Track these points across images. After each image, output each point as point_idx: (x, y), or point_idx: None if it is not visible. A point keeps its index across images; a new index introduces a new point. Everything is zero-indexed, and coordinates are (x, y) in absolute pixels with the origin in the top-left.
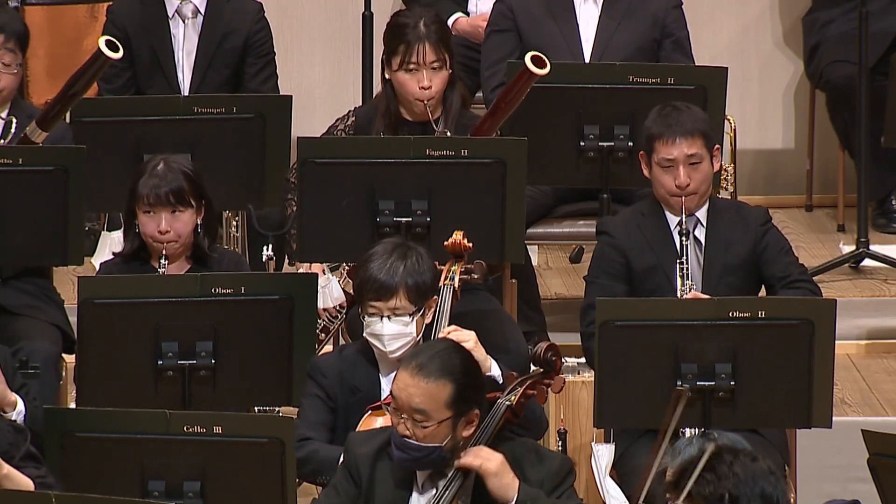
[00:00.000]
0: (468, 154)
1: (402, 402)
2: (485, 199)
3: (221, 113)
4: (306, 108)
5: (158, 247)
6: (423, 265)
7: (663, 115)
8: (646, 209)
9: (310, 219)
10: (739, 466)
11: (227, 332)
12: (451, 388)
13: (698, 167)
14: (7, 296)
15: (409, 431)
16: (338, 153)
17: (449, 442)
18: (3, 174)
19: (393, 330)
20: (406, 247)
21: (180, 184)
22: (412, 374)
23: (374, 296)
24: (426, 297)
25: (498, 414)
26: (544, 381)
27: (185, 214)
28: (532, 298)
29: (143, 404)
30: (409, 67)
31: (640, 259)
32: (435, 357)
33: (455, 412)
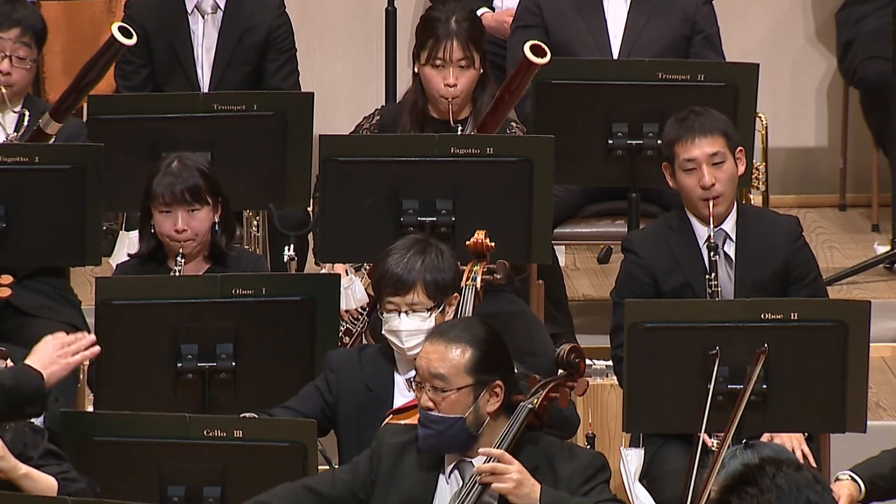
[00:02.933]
0: (494, 152)
1: (423, 369)
2: (511, 199)
3: (242, 110)
4: (328, 106)
5: (175, 246)
6: (442, 261)
7: (681, 119)
8: (673, 222)
9: (332, 218)
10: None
11: (248, 333)
12: (472, 352)
13: (722, 167)
14: (22, 296)
15: (430, 402)
16: (360, 151)
17: (471, 414)
18: (20, 173)
19: (411, 325)
20: (426, 242)
21: (196, 181)
22: (433, 340)
23: (391, 290)
24: (446, 293)
25: (520, 417)
26: (567, 384)
27: (201, 212)
28: (559, 300)
29: (161, 408)
30: (436, 63)
31: (668, 279)
32: (457, 324)
33: (476, 380)
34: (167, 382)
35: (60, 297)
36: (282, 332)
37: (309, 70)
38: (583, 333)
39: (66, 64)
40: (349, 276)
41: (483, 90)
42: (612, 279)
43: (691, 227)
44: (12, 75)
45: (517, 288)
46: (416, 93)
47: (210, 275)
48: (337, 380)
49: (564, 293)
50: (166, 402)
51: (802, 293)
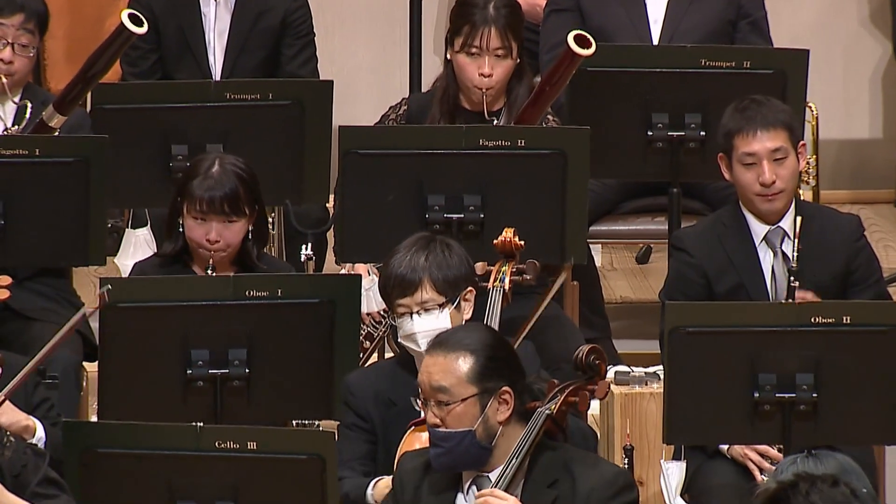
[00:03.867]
0: (526, 144)
1: (425, 384)
2: (544, 194)
3: (256, 99)
4: (349, 95)
5: (204, 254)
6: (449, 255)
7: (741, 108)
8: (727, 219)
9: (353, 215)
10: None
11: (263, 338)
12: (472, 360)
13: (784, 163)
14: (22, 299)
15: (436, 419)
16: (383, 143)
17: (480, 425)
18: (19, 166)
19: (425, 326)
20: (429, 238)
21: (235, 190)
22: (432, 352)
23: (399, 292)
24: (457, 287)
25: (537, 424)
26: (587, 387)
27: (237, 224)
28: (595, 302)
29: (170, 417)
30: (471, 51)
31: (721, 279)
32: (456, 333)
33: (481, 388)
34: (176, 390)
35: (62, 299)
36: (299, 337)
37: (328, 56)
38: (620, 338)
39: (68, 50)
40: (371, 276)
41: (519, 81)
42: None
43: (747, 225)
44: (14, 64)
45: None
46: (447, 81)
47: (222, 275)
48: (361, 402)
49: (601, 295)
50: (175, 411)
51: (864, 295)
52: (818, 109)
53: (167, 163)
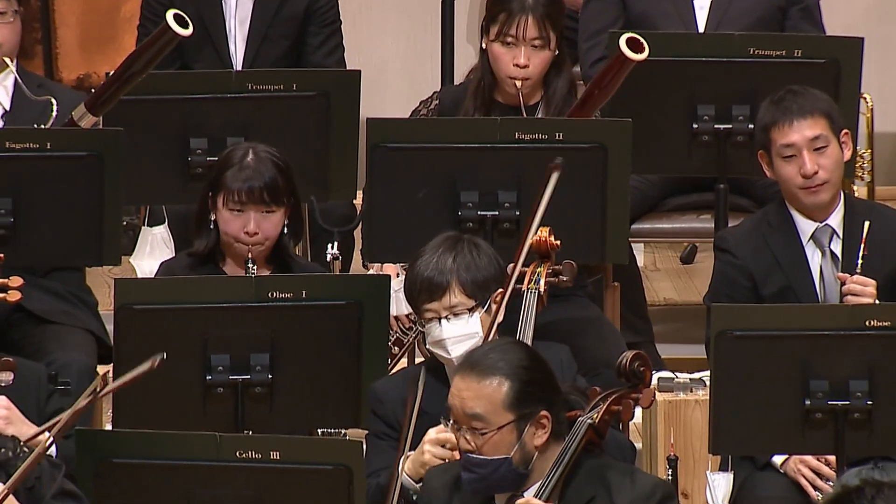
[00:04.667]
0: (564, 138)
1: (458, 409)
2: (583, 191)
3: (279, 90)
4: (377, 86)
5: (241, 249)
6: (478, 255)
7: (776, 100)
8: (772, 218)
9: (381, 212)
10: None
11: (286, 342)
12: (509, 385)
13: (825, 152)
14: (34, 300)
15: (470, 445)
16: (413, 137)
17: (517, 452)
18: (29, 160)
19: (454, 331)
20: (457, 238)
21: (274, 179)
22: (463, 375)
23: (426, 297)
24: (487, 289)
25: (578, 434)
26: (631, 395)
27: (276, 215)
28: (637, 304)
29: (189, 426)
30: (507, 40)
31: (768, 282)
32: (489, 353)
33: (517, 415)
34: (195, 397)
35: (75, 299)
36: (324, 341)
37: (355, 45)
38: (664, 342)
39: (81, 38)
40: (400, 277)
41: (558, 74)
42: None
43: (793, 223)
44: None
45: (590, 291)
46: (482, 71)
47: (244, 276)
48: (389, 410)
49: (643, 297)
50: (195, 419)
51: None
52: (873, 101)
53: (185, 157)
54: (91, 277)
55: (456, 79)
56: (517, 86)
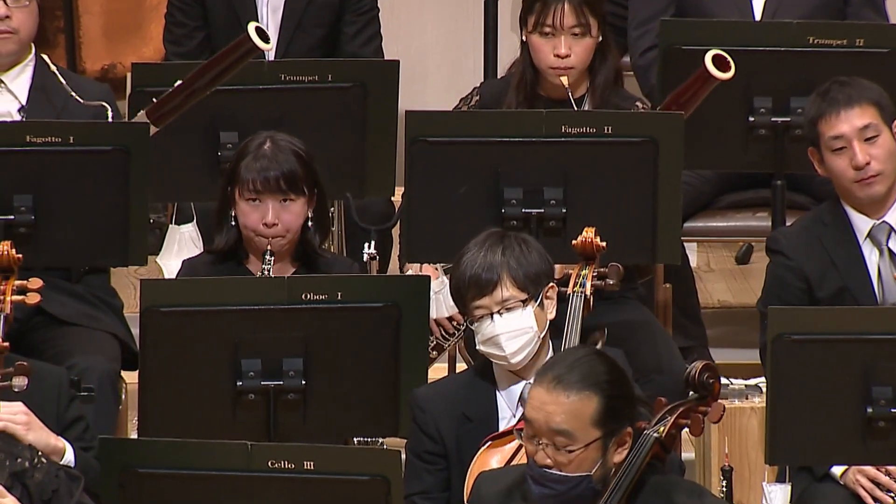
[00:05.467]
0: (613, 132)
1: (540, 424)
2: (633, 187)
3: (314, 81)
4: (416, 77)
5: (261, 242)
6: (527, 249)
7: (822, 92)
8: (826, 216)
9: (421, 210)
10: None
11: (321, 346)
12: (598, 401)
13: (876, 142)
14: (54, 302)
15: (549, 460)
16: (454, 130)
17: (599, 469)
18: (51, 155)
19: (508, 326)
20: (502, 234)
21: (293, 167)
22: (549, 388)
23: (475, 293)
24: (539, 282)
25: (644, 448)
26: (699, 409)
27: (295, 204)
28: (690, 307)
29: (218, 434)
30: (545, 31)
31: (823, 283)
32: (575, 366)
33: (604, 431)
34: (225, 404)
35: (99, 301)
36: (361, 345)
37: (394, 34)
38: (718, 347)
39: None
40: (441, 278)
41: (603, 61)
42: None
43: (848, 221)
44: (12, 19)
45: (641, 293)
46: (523, 65)
47: (276, 276)
48: (430, 418)
49: (696, 299)
50: (224, 427)
51: None
52: None
53: (215, 151)
54: (116, 278)
55: (499, 68)
56: (562, 80)
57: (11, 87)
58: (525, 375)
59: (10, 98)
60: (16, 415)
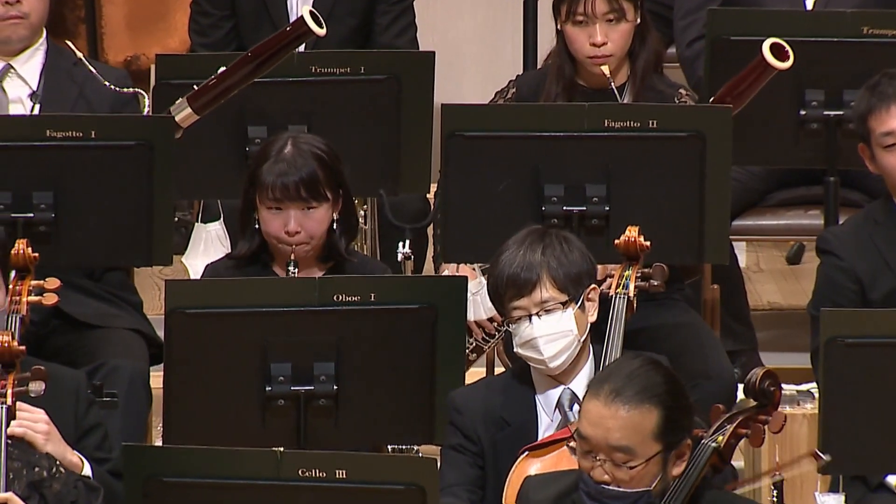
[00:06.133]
0: (658, 126)
1: (598, 440)
2: (679, 184)
3: (346, 74)
4: (453, 68)
5: (285, 249)
6: (568, 248)
7: (871, 86)
8: (878, 215)
9: (457, 208)
10: None
11: (353, 350)
12: (658, 414)
13: None
14: (73, 302)
15: (608, 476)
16: (492, 124)
17: (658, 484)
18: (72, 150)
19: (547, 328)
20: (543, 231)
21: (313, 172)
22: (607, 402)
23: (513, 293)
24: (580, 283)
25: (702, 459)
26: (760, 418)
27: (318, 210)
28: (739, 309)
29: (247, 441)
30: (578, 19)
31: (876, 285)
32: (632, 378)
33: (665, 444)
34: (253, 410)
35: (118, 299)
36: (395, 348)
37: (429, 24)
38: (768, 350)
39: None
40: (478, 279)
41: (642, 45)
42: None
43: None
44: (22, 3)
45: (687, 294)
46: (560, 55)
47: (306, 277)
48: (468, 421)
49: (745, 301)
50: (252, 434)
51: None
52: None
53: (243, 147)
54: (140, 279)
55: (540, 58)
56: (602, 69)
57: (22, 73)
58: (564, 380)
59: (20, 84)
60: (37, 422)
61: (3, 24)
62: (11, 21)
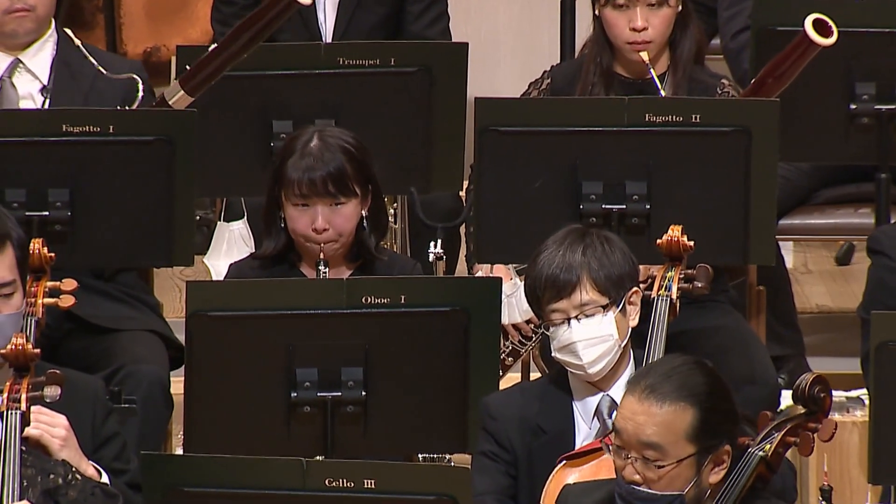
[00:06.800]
0: (701, 120)
1: (629, 435)
2: (723, 182)
3: (375, 66)
4: (487, 60)
5: (313, 248)
6: (610, 249)
7: None
8: None
9: (491, 206)
10: None
11: (383, 354)
12: (694, 413)
13: None
14: (89, 305)
15: (638, 476)
16: (528, 119)
17: (692, 489)
18: (89, 146)
19: (586, 332)
20: (583, 230)
21: (341, 166)
22: (641, 397)
23: (552, 295)
24: (622, 286)
25: (749, 467)
26: (809, 426)
27: (347, 207)
28: (785, 312)
29: (271, 449)
30: (618, 3)
31: None
32: (671, 375)
33: (699, 447)
34: (278, 417)
35: (133, 300)
36: (426, 353)
37: (463, 14)
38: (816, 355)
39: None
40: (513, 280)
41: (683, 32)
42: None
43: None
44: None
45: (732, 297)
46: (597, 43)
47: (334, 279)
48: (502, 428)
49: (792, 303)
50: (277, 442)
51: None
52: None
53: (268, 142)
54: (159, 280)
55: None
56: (642, 55)
57: (31, 67)
58: (603, 387)
59: (29, 78)
60: (55, 427)
61: (9, 18)
62: (17, 14)
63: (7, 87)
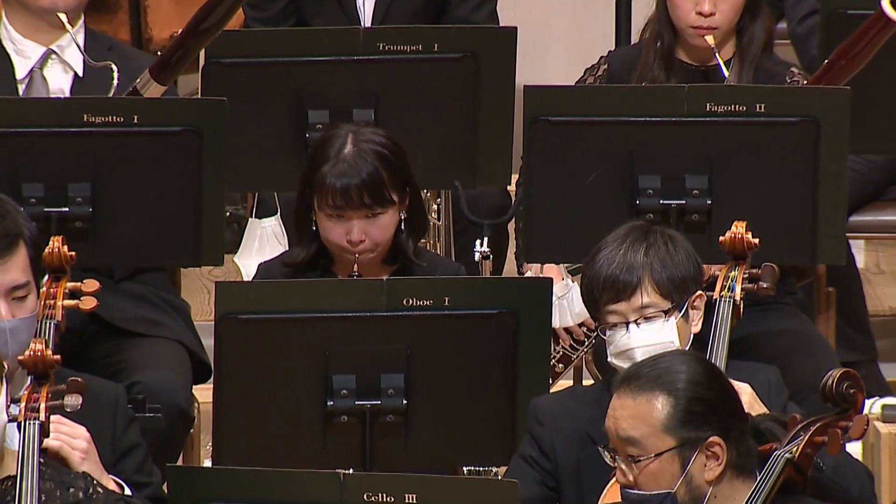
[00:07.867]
0: (767, 110)
1: (612, 433)
2: (790, 176)
3: (417, 52)
4: (537, 47)
5: (347, 258)
6: (673, 248)
7: None
8: None
9: (542, 201)
10: None
11: (425, 360)
12: (670, 403)
13: None
14: (112, 307)
15: (627, 477)
16: (581, 108)
17: (682, 486)
18: (112, 137)
19: (645, 338)
20: (646, 229)
21: (376, 174)
22: (619, 393)
23: (610, 296)
24: (685, 289)
25: (773, 473)
26: (838, 424)
27: (384, 217)
28: (856, 315)
29: (306, 462)
30: None
31: None
32: (651, 366)
33: (679, 440)
34: (314, 427)
35: (163, 303)
36: (471, 358)
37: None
38: (889, 361)
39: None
40: (565, 280)
41: (752, 19)
42: None
43: None
44: None
45: (799, 299)
46: (659, 25)
47: (373, 279)
48: (548, 434)
49: (864, 306)
50: (312, 453)
51: None
52: None
53: (303, 133)
54: (187, 281)
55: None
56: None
57: (65, 57)
58: None
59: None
60: (76, 438)
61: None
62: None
63: (37, 79)
